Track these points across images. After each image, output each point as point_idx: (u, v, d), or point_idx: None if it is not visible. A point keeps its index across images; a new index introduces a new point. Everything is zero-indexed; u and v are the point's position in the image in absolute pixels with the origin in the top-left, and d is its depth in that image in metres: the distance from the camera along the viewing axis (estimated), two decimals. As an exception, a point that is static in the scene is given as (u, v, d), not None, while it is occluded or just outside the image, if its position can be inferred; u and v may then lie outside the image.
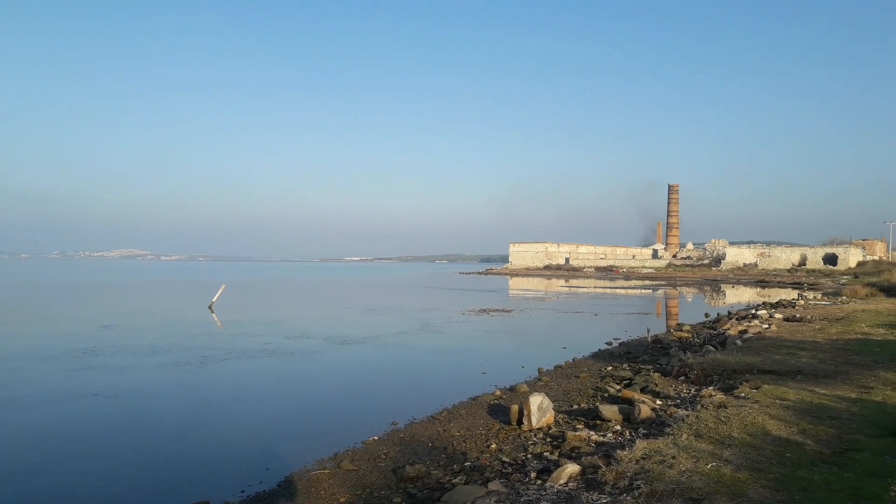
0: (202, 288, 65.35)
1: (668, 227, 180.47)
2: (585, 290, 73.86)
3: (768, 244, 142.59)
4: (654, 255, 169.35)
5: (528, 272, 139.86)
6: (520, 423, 10.94)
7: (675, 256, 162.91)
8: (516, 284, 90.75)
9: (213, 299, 41.35)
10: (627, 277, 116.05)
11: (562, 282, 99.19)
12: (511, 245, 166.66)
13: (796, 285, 78.50)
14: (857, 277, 79.91)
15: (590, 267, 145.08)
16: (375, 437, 10.85)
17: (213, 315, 35.97)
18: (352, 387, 16.37)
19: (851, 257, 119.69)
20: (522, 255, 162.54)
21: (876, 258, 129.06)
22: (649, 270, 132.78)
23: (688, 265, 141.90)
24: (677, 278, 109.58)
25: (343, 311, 40.73)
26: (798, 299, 41.27)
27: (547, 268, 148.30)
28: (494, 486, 7.48)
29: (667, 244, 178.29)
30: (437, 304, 48.30)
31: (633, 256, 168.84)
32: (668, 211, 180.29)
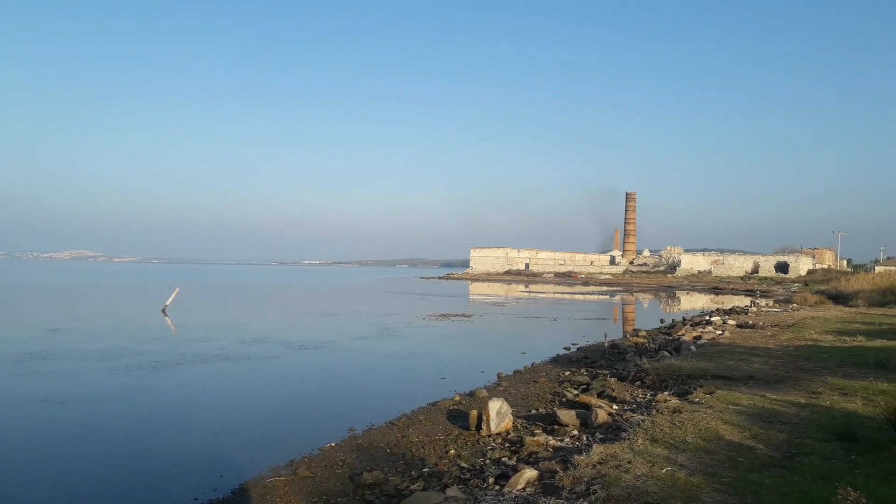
0: (155, 291, 63.95)
1: (626, 234, 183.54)
2: (545, 295, 74.52)
3: (722, 252, 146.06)
4: (612, 261, 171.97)
5: (488, 277, 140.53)
6: (479, 428, 10.96)
7: (631, 263, 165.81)
8: (477, 289, 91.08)
9: (167, 303, 40.48)
10: (586, 283, 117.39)
11: (522, 287, 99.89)
12: (472, 250, 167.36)
13: (749, 292, 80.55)
14: (807, 285, 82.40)
15: (549, 272, 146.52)
16: (333, 444, 10.74)
17: (167, 319, 35.20)
18: (309, 393, 16.18)
19: (802, 265, 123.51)
20: (483, 260, 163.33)
21: (825, 266, 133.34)
22: (607, 276, 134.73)
23: (644, 272, 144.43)
24: (634, 284, 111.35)
25: (300, 316, 40.29)
26: (751, 306, 42.35)
27: (507, 273, 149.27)
28: (452, 491, 7.47)
29: (624, 251, 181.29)
30: (397, 308, 48.15)
31: (592, 262, 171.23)
32: (625, 218, 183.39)
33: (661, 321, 35.44)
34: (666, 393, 12.11)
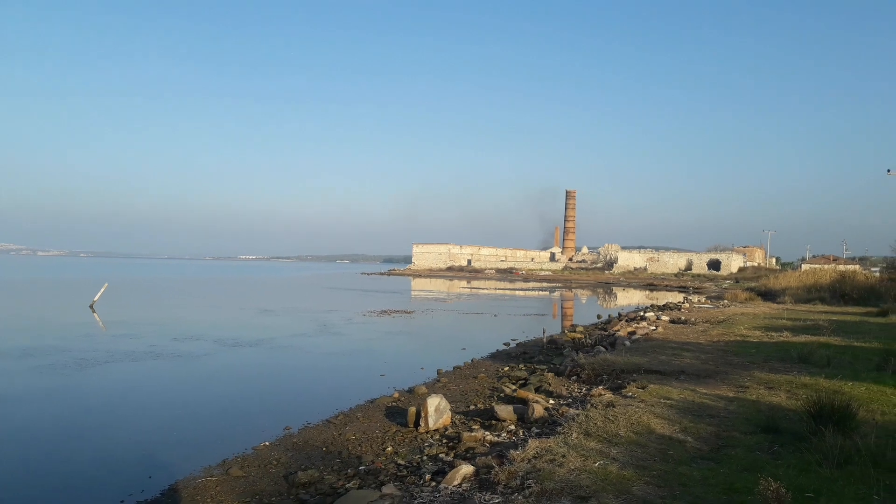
0: (83, 286, 61.56)
1: (565, 231, 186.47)
2: (486, 291, 75.12)
3: (657, 250, 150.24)
4: (552, 258, 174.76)
5: (430, 273, 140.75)
6: (417, 425, 10.96)
7: (571, 260, 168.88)
8: (419, 285, 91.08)
9: (95, 298, 39.01)
10: (527, 279, 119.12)
11: (464, 283, 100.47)
12: (414, 246, 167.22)
13: (682, 289, 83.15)
14: (737, 282, 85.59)
15: (491, 269, 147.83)
16: (267, 443, 10.55)
17: (95, 315, 33.96)
18: (243, 391, 15.86)
19: (733, 263, 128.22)
20: (426, 256, 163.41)
21: (755, 264, 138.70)
22: (547, 273, 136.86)
23: (583, 268, 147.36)
24: (573, 281, 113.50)
25: (235, 312, 39.46)
26: (684, 302, 43.69)
27: (450, 269, 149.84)
28: (388, 489, 7.43)
29: (563, 248, 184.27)
30: (337, 305, 47.72)
31: (532, 259, 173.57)
32: (565, 216, 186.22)
33: (598, 317, 36.21)
34: (601, 387, 12.36)
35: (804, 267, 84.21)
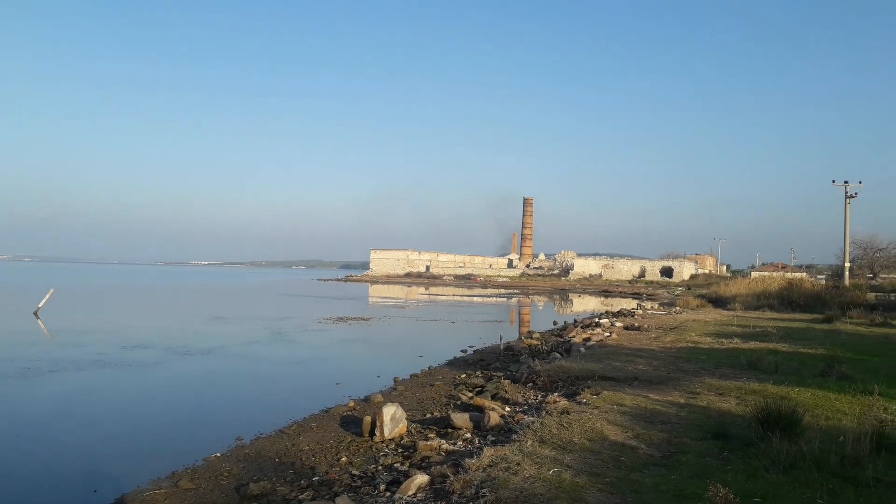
0: (27, 292, 59.54)
1: (523, 238, 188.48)
2: (444, 297, 75.22)
3: (612, 257, 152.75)
4: (510, 264, 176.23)
5: (389, 279, 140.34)
6: (372, 434, 10.87)
7: (528, 266, 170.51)
8: (376, 292, 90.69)
9: (40, 305, 37.75)
10: (484, 286, 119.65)
11: (422, 289, 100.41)
12: (372, 252, 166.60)
13: (636, 295, 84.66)
14: (689, 289, 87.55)
15: (449, 275, 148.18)
16: (218, 454, 10.34)
17: (39, 322, 32.87)
18: (194, 401, 15.53)
19: (685, 270, 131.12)
20: (384, 262, 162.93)
21: (707, 271, 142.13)
22: (504, 279, 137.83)
23: (540, 275, 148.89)
24: (530, 287, 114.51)
25: (187, 320, 38.66)
26: (637, 309, 44.47)
27: (408, 275, 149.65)
28: (342, 500, 7.36)
29: (521, 254, 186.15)
30: (292, 312, 47.15)
31: (490, 265, 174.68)
32: (522, 223, 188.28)
33: (555, 323, 36.57)
34: (556, 394, 12.47)
35: (754, 274, 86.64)
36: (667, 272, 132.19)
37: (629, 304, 59.09)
